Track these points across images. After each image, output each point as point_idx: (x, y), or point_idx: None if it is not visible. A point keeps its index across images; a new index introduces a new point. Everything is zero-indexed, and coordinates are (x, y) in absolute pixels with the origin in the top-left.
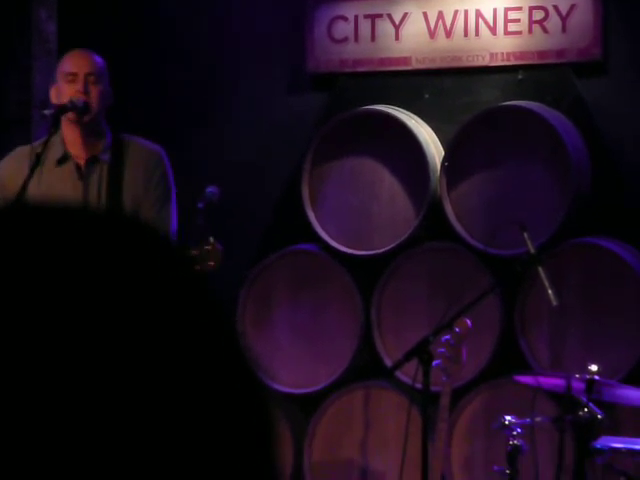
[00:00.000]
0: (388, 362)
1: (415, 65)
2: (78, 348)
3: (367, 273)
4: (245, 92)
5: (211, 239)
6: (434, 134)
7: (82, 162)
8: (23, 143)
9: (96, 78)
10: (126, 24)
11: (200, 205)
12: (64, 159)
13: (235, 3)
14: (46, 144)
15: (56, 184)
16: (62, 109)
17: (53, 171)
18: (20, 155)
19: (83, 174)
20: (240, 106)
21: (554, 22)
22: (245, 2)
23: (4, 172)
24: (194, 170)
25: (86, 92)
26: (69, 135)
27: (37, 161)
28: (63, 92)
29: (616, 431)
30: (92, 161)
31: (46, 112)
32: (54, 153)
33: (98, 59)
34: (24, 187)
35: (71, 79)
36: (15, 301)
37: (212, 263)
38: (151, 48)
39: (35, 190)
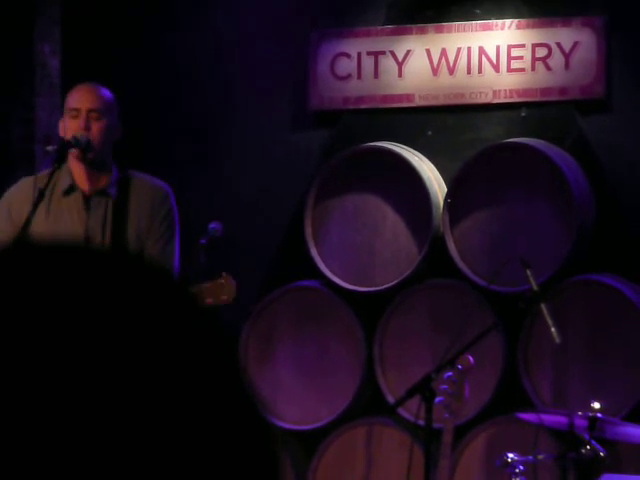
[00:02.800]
0: (390, 399)
1: (418, 102)
2: (82, 397)
3: (370, 309)
4: (248, 129)
5: (224, 273)
6: (437, 171)
7: (88, 194)
8: None
9: (99, 114)
10: (129, 60)
11: (203, 241)
12: (71, 189)
13: (238, 40)
14: (51, 177)
15: (63, 214)
16: (65, 145)
17: (60, 201)
18: (25, 186)
19: (90, 205)
20: (243, 143)
21: (557, 59)
22: (248, 39)
23: (10, 204)
24: (197, 206)
25: (87, 128)
26: (75, 168)
27: (40, 196)
28: (68, 127)
29: (618, 469)
30: (98, 193)
31: (49, 148)
32: (62, 183)
33: (104, 93)
34: (28, 221)
35: (74, 115)
36: (17, 343)
37: (225, 297)
38: (154, 85)
39: (43, 220)
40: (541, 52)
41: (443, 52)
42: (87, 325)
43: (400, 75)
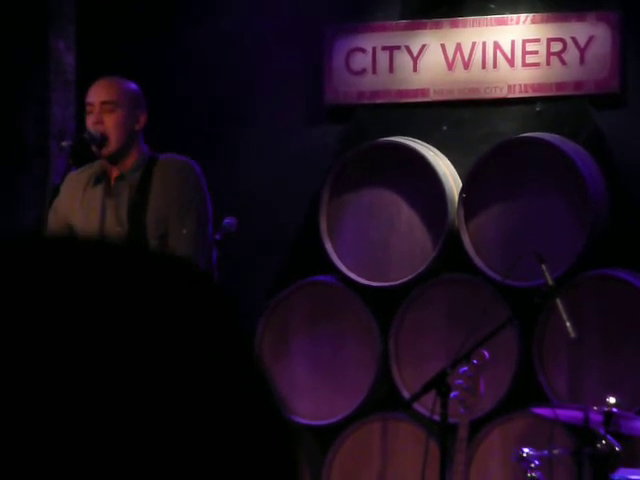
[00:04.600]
0: (406, 394)
1: (433, 97)
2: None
3: (385, 304)
4: (263, 124)
5: None
6: (452, 166)
7: (113, 181)
8: (42, 174)
9: (113, 106)
10: (144, 55)
11: (217, 236)
12: (99, 180)
13: (253, 35)
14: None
15: (91, 204)
16: (80, 141)
17: (89, 191)
18: (68, 182)
19: (112, 192)
20: (258, 137)
21: (572, 54)
22: (263, 34)
23: (56, 207)
24: (212, 201)
25: (100, 122)
26: (103, 160)
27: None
28: (87, 123)
29: (634, 463)
30: (120, 179)
31: (64, 144)
32: (94, 174)
33: (120, 85)
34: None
35: (90, 109)
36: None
37: None
38: (169, 79)
39: (79, 212)
40: (556, 47)
41: (458, 47)
42: (94, 323)
43: (415, 70)
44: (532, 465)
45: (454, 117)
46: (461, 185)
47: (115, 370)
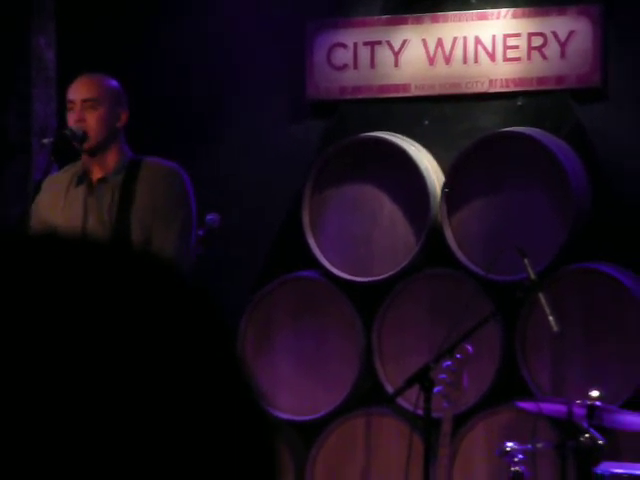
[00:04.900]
0: (389, 388)
1: (415, 92)
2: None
3: (368, 299)
4: (245, 119)
5: None
6: (434, 160)
7: (94, 182)
8: (24, 171)
9: (94, 103)
10: (126, 52)
11: (200, 232)
12: (81, 180)
13: (234, 31)
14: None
15: (73, 205)
16: (61, 138)
17: (72, 192)
18: (50, 183)
19: (94, 193)
20: (240, 133)
21: (553, 48)
22: (245, 30)
23: (37, 205)
24: (195, 198)
25: (81, 119)
26: (83, 158)
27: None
28: (68, 120)
29: (617, 457)
30: (101, 180)
31: (45, 141)
32: (75, 174)
33: (102, 82)
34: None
35: (71, 106)
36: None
37: None
38: (151, 77)
39: (60, 212)
40: (537, 41)
41: (439, 42)
42: (79, 321)
43: (396, 65)
44: (516, 459)
45: (436, 112)
46: (443, 180)
47: (95, 368)
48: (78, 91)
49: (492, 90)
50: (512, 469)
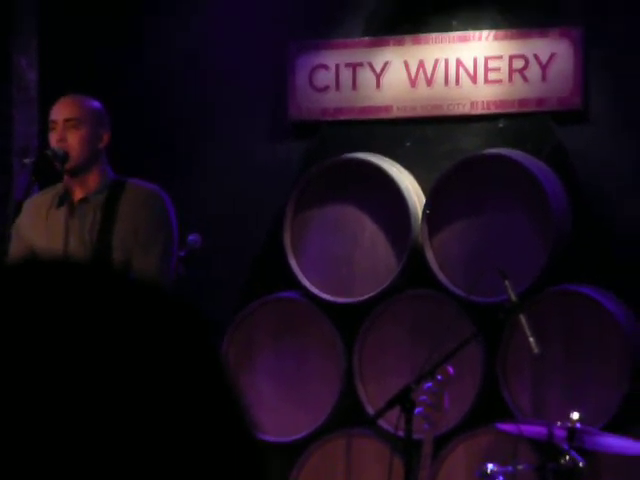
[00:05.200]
0: (370, 410)
1: (396, 113)
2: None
3: (349, 320)
4: (227, 140)
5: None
6: (415, 182)
7: (75, 203)
8: (4, 191)
9: (76, 122)
10: (108, 73)
11: (182, 253)
12: (62, 201)
13: (217, 52)
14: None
15: (55, 226)
16: (42, 158)
17: (54, 213)
18: (30, 205)
19: (75, 214)
20: (222, 154)
21: (534, 71)
22: (226, 50)
23: (18, 227)
24: (177, 218)
25: (63, 139)
26: (65, 179)
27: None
28: (50, 140)
29: (598, 479)
30: (82, 201)
31: (26, 161)
32: (57, 195)
33: (84, 103)
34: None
35: (53, 126)
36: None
37: None
38: (132, 97)
39: (43, 234)
40: (518, 63)
41: (421, 64)
42: (65, 343)
43: (378, 86)
44: None
45: (417, 133)
46: (424, 201)
47: (84, 392)
48: (60, 111)
49: (473, 112)
50: None
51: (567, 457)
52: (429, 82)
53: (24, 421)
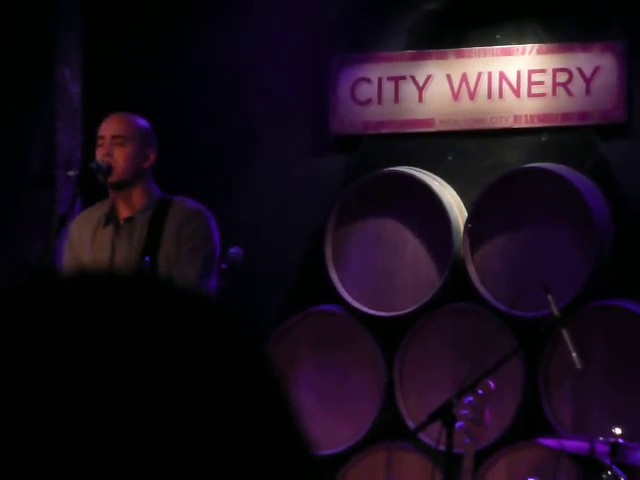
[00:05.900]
0: (410, 424)
1: (439, 127)
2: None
3: (390, 334)
4: (269, 154)
5: None
6: (457, 196)
7: (121, 221)
8: (47, 203)
9: (123, 140)
10: (149, 86)
11: (223, 266)
12: (108, 220)
13: (259, 66)
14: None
15: (102, 244)
16: (87, 171)
17: (100, 231)
18: (79, 221)
19: (121, 233)
20: (264, 168)
21: (578, 84)
22: (269, 64)
23: (71, 241)
24: (219, 235)
25: (109, 154)
26: (111, 196)
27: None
28: (97, 155)
29: None
30: (129, 220)
31: (70, 173)
32: (104, 214)
33: (132, 121)
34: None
35: (100, 142)
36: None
37: None
38: (176, 111)
39: (89, 252)
40: (562, 77)
41: (463, 77)
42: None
43: (420, 100)
44: None
45: (459, 147)
46: (466, 215)
47: (135, 401)
48: (109, 128)
49: (516, 126)
50: None
51: (609, 472)
52: (472, 96)
53: (76, 427)
